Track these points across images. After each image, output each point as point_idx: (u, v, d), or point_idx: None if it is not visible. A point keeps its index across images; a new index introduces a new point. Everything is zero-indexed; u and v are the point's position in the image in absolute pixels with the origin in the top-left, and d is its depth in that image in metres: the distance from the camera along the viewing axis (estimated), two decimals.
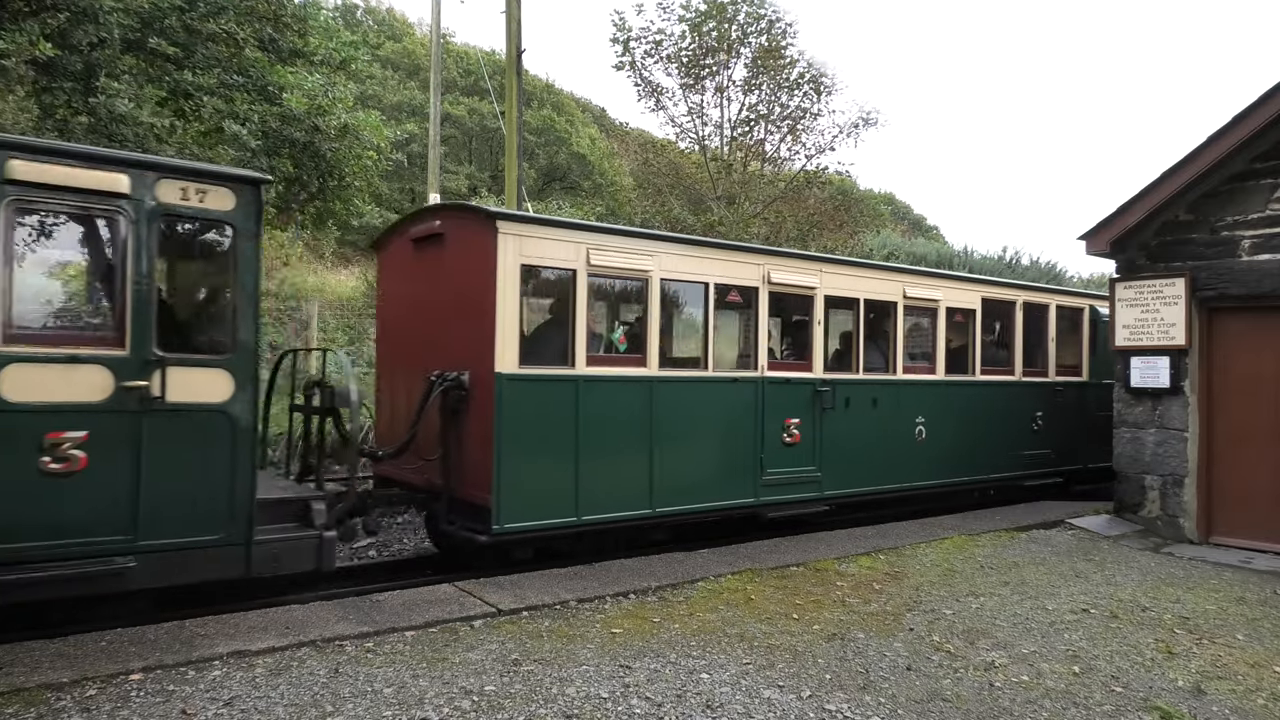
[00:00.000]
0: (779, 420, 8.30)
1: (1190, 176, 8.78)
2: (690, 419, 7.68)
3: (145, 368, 4.97)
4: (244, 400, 5.33)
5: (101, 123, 10.26)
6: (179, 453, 5.12)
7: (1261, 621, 6.05)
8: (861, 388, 9.06)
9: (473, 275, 6.83)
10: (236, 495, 5.29)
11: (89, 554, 4.83)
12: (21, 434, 4.63)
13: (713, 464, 7.83)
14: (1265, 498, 8.56)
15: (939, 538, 8.50)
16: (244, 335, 5.36)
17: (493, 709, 4.06)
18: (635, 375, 7.37)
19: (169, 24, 11.03)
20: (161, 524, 5.04)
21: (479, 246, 6.76)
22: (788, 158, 24.32)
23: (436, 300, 7.36)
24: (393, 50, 35.45)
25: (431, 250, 7.51)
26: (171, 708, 3.94)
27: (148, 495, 4.99)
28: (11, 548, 4.59)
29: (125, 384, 4.92)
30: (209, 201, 5.28)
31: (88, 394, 4.83)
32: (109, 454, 4.86)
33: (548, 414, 6.82)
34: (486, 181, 31.17)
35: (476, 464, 6.68)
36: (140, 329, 4.99)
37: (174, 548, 5.10)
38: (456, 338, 6.99)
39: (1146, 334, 9.26)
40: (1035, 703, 4.44)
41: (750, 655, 4.95)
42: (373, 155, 13.26)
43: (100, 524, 4.87)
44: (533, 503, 6.71)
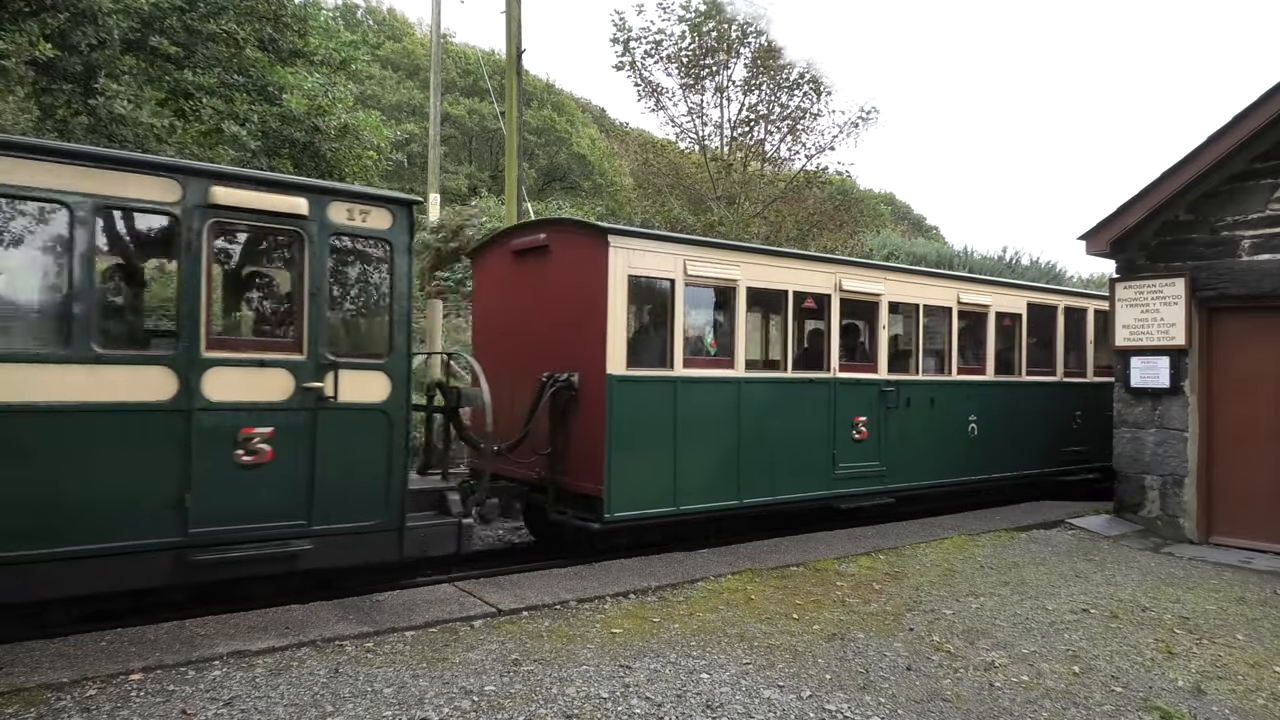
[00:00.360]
0: (848, 418, 8.90)
1: (1190, 176, 8.78)
2: (772, 417, 8.25)
3: (320, 371, 5.63)
4: (399, 400, 5.95)
5: (101, 123, 10.26)
6: (346, 447, 5.76)
7: (1261, 621, 6.05)
8: (921, 388, 9.66)
9: (583, 284, 7.42)
10: (392, 485, 5.92)
11: (273, 537, 5.47)
12: (221, 429, 5.28)
13: (791, 458, 8.37)
14: (1265, 498, 8.56)
15: (939, 538, 8.50)
16: (399, 341, 6.00)
17: (493, 709, 4.06)
18: (724, 376, 7.96)
19: (169, 24, 11.04)
20: (331, 511, 5.68)
21: (590, 258, 7.35)
22: (788, 158, 24.32)
23: (541, 307, 7.95)
24: (392, 50, 35.48)
25: (534, 261, 8.13)
26: (171, 708, 3.94)
27: (320, 485, 5.63)
28: (212, 531, 5.24)
29: (305, 385, 5.57)
30: (370, 221, 5.95)
31: (273, 394, 5.48)
32: (291, 448, 5.51)
33: (650, 412, 7.41)
34: (486, 181, 31.19)
35: (588, 458, 7.26)
36: (315, 335, 5.65)
37: (340, 532, 5.73)
38: (565, 342, 7.57)
39: (1146, 334, 9.26)
40: (1035, 703, 4.44)
41: (750, 655, 4.95)
42: (373, 155, 13.26)
43: (282, 510, 5.52)
44: (638, 494, 7.30)
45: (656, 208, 23.82)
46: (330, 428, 5.67)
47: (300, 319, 5.65)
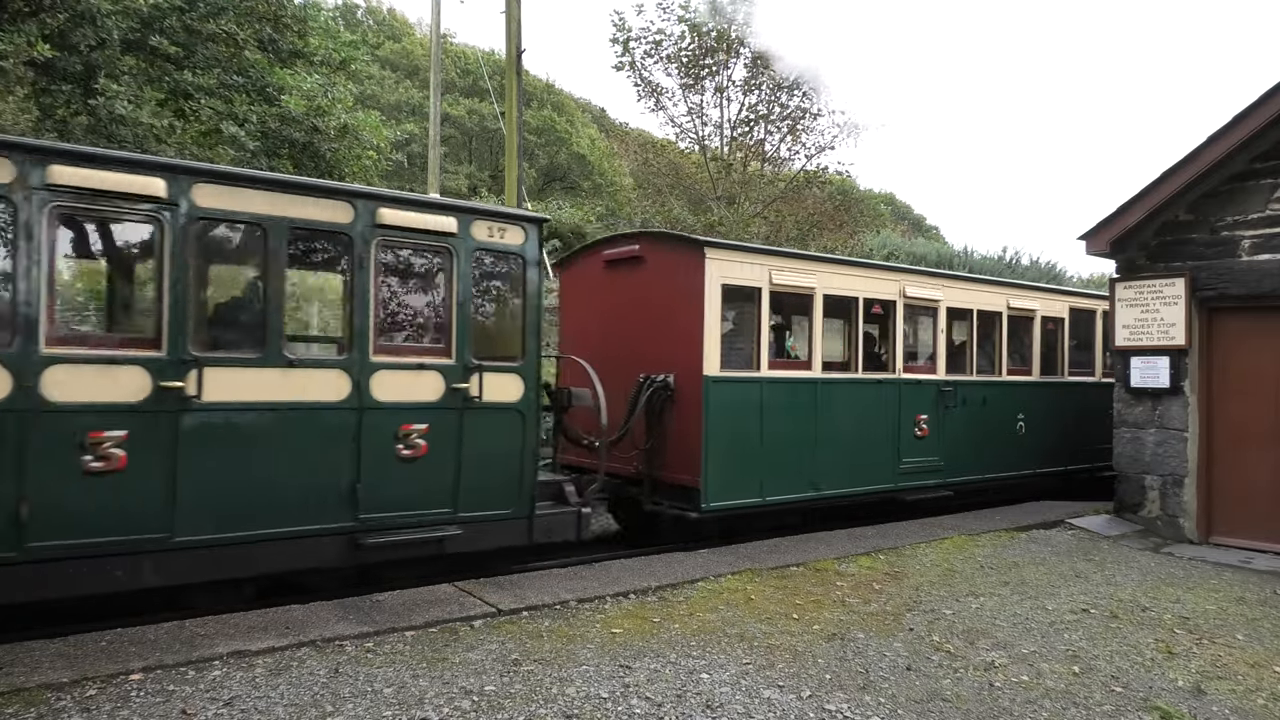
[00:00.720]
0: (911, 416, 9.56)
1: (1190, 176, 8.78)
2: (845, 415, 8.90)
3: (466, 373, 6.26)
4: (530, 400, 6.60)
5: (101, 123, 10.26)
6: (487, 442, 6.38)
7: (1261, 621, 6.05)
8: (975, 388, 10.33)
9: (679, 292, 8.05)
10: (525, 477, 6.59)
11: (426, 523, 6.12)
12: (386, 426, 5.91)
13: (861, 454, 9.04)
14: (1265, 498, 8.56)
15: (939, 538, 8.50)
16: (530, 345, 6.65)
17: (493, 709, 4.06)
18: (803, 377, 8.65)
19: (169, 24, 11.04)
20: (473, 500, 6.30)
21: (687, 268, 8.00)
22: (788, 158, 24.33)
23: (634, 313, 8.56)
24: (392, 50, 35.47)
25: (626, 270, 8.75)
26: (171, 708, 3.94)
27: (465, 476, 6.25)
28: (378, 517, 5.89)
29: (454, 386, 6.19)
30: (507, 237, 6.58)
31: (428, 394, 6.10)
32: (442, 443, 6.12)
33: (740, 410, 8.03)
34: (486, 181, 31.18)
35: (684, 453, 7.92)
36: (463, 341, 6.28)
37: (481, 520, 6.37)
38: (660, 345, 8.18)
39: (1146, 334, 9.26)
40: (1035, 703, 4.44)
41: (750, 655, 4.95)
42: (372, 155, 13.27)
43: (434, 500, 6.15)
44: (730, 485, 7.95)
45: (656, 208, 23.83)
46: (474, 424, 6.32)
47: (450, 326, 6.29)
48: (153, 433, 5.11)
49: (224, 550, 5.38)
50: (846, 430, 8.86)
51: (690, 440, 7.85)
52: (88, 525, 4.92)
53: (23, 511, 4.71)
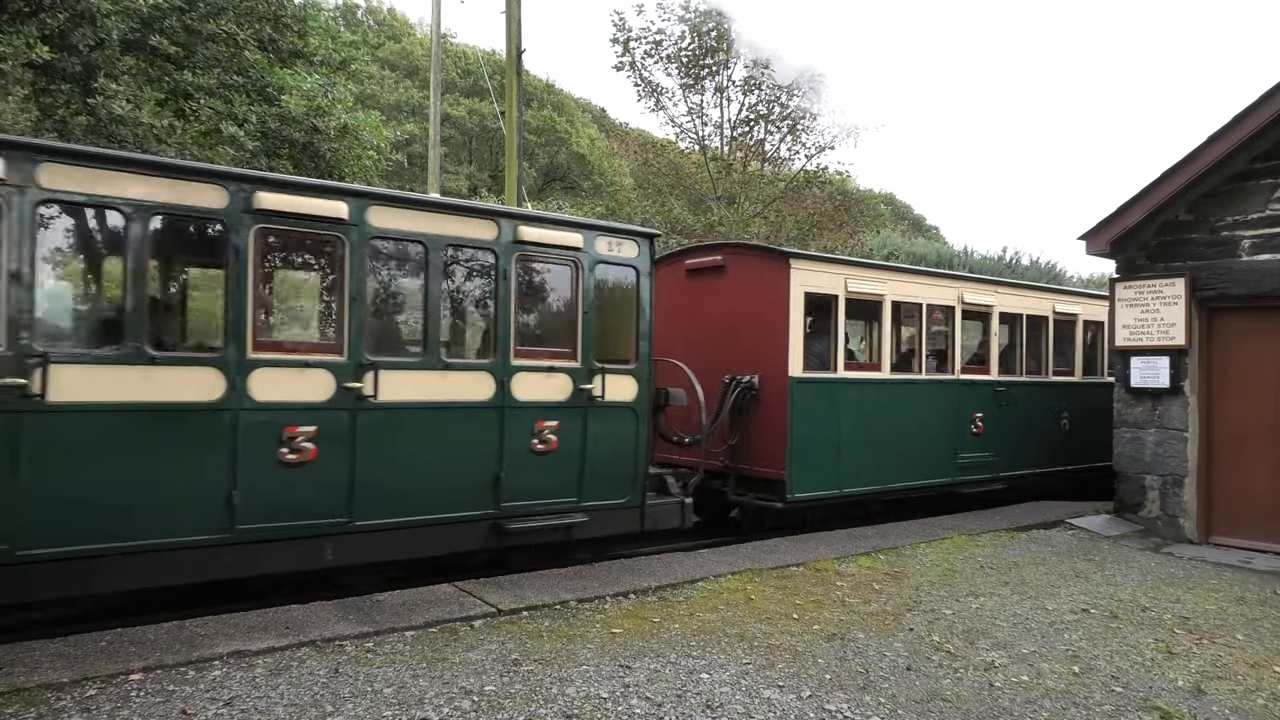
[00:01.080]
0: (968, 414, 10.19)
1: (1190, 176, 8.78)
2: (910, 413, 9.51)
3: (590, 375, 6.84)
4: (643, 399, 7.22)
5: (101, 123, 10.25)
6: (607, 437, 6.97)
7: (1261, 621, 6.05)
8: (1024, 387, 10.92)
9: (764, 299, 8.68)
10: (638, 469, 7.19)
11: (557, 511, 6.73)
12: (524, 422, 6.53)
13: (924, 449, 9.63)
14: (1265, 498, 8.56)
15: (939, 538, 8.50)
16: (643, 349, 7.24)
17: (493, 709, 4.06)
18: (874, 378, 9.33)
19: (168, 24, 11.03)
20: (595, 490, 6.92)
21: (772, 278, 8.65)
22: (788, 158, 24.33)
23: (717, 319, 9.12)
24: (392, 50, 35.46)
25: (708, 279, 9.35)
26: (171, 708, 3.94)
27: (588, 468, 6.87)
28: (516, 505, 6.49)
29: (580, 386, 6.81)
30: (622, 251, 7.18)
31: (558, 394, 6.73)
32: (570, 437, 6.72)
33: (819, 408, 8.66)
34: (486, 181, 31.19)
35: (769, 448, 8.52)
36: (586, 346, 6.86)
37: (601, 508, 6.97)
38: (744, 348, 8.80)
39: (1146, 334, 9.26)
40: (1035, 703, 4.44)
41: (750, 655, 4.95)
42: (372, 155, 13.27)
43: (563, 489, 6.77)
44: (811, 478, 8.59)
45: (656, 208, 23.84)
46: (596, 421, 6.91)
47: (575, 332, 6.89)
48: (336, 427, 5.70)
49: (393, 534, 5.99)
50: (911, 427, 9.48)
51: (775, 436, 8.46)
52: (288, 511, 5.58)
53: (235, 499, 5.36)
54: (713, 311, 9.19)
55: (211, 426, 5.29)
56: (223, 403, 5.30)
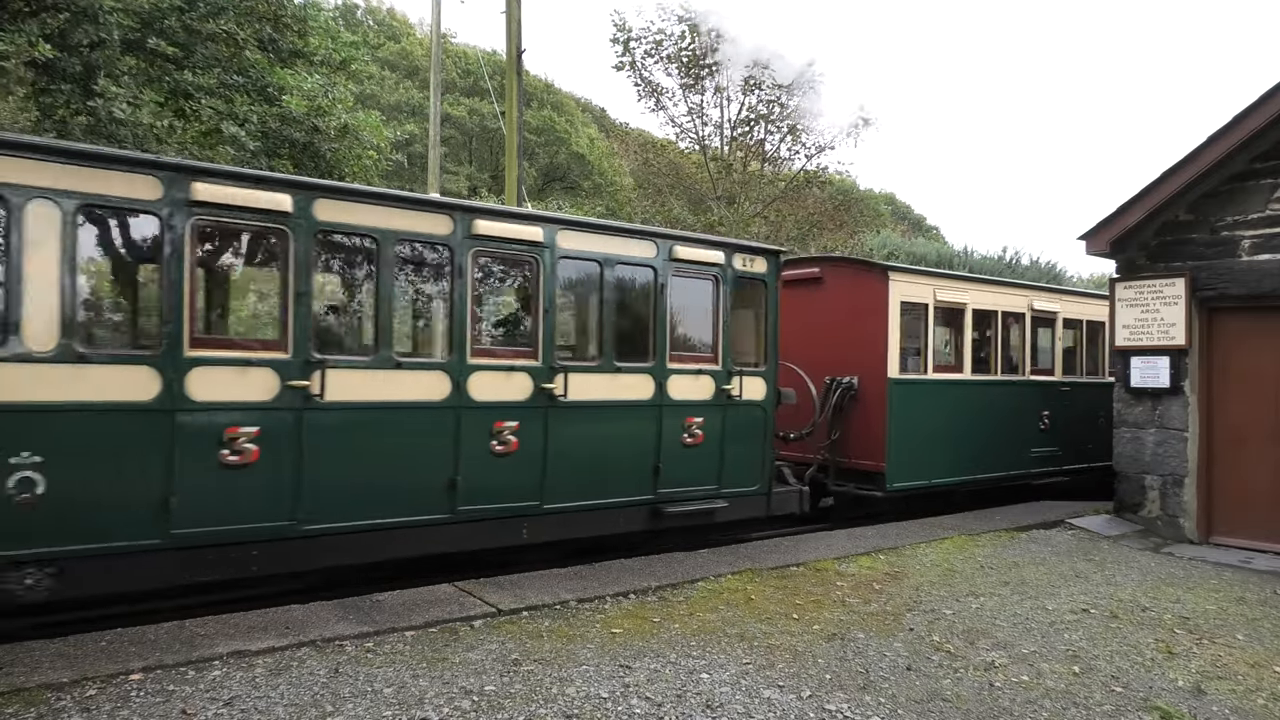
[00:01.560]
0: (1037, 411, 11.05)
1: (1190, 176, 8.78)
2: (988, 410, 10.36)
3: (729, 377, 7.78)
4: (770, 398, 8.13)
5: (101, 124, 10.25)
6: (741, 432, 7.88)
7: (1261, 621, 6.05)
8: (1084, 388, 11.76)
9: (863, 308, 9.56)
10: (765, 461, 8.14)
11: (702, 497, 7.63)
12: (677, 418, 7.46)
13: (999, 444, 10.46)
14: (1265, 498, 8.56)
15: (939, 538, 8.50)
16: (770, 353, 8.19)
17: (493, 709, 4.06)
18: (957, 379, 10.20)
19: (169, 24, 11.03)
20: (731, 479, 7.83)
21: (871, 289, 9.54)
22: (788, 158, 24.33)
23: (815, 326, 9.85)
24: (392, 51, 35.45)
25: (805, 289, 10.05)
26: (171, 708, 3.93)
27: (726, 459, 7.76)
28: (670, 491, 7.42)
29: (721, 387, 7.75)
30: (754, 266, 8.08)
31: (704, 394, 7.65)
32: (713, 432, 7.66)
33: (913, 406, 9.51)
34: (486, 181, 31.19)
35: (869, 442, 9.41)
36: (726, 351, 7.78)
37: (736, 495, 7.90)
38: (843, 352, 9.64)
39: (1146, 334, 9.25)
40: (1035, 703, 4.44)
41: (750, 655, 4.95)
42: (372, 155, 13.26)
43: (707, 478, 7.68)
44: (906, 470, 9.47)
45: (656, 208, 23.84)
46: (733, 418, 7.81)
47: (717, 338, 7.77)
48: (533, 423, 6.59)
49: (574, 516, 6.91)
50: (990, 423, 10.35)
51: (874, 432, 9.35)
52: (495, 495, 6.45)
53: (459, 483, 6.25)
54: (810, 319, 9.91)
55: (441, 421, 6.19)
56: (449, 401, 6.21)
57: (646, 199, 25.33)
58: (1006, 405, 10.61)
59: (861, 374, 9.50)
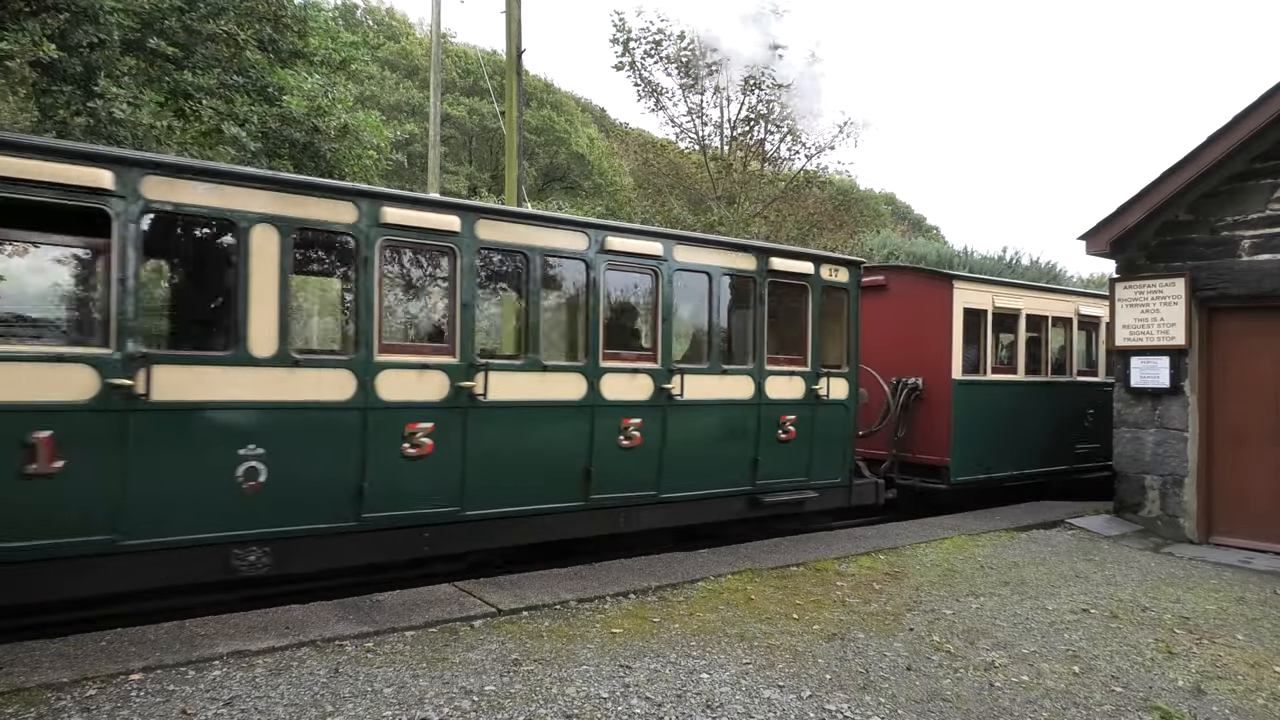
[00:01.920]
0: (1083, 410, 11.72)
1: (1190, 176, 8.78)
2: (1039, 409, 11.03)
3: (817, 378, 8.49)
4: (852, 397, 8.86)
5: (101, 124, 10.24)
6: (827, 428, 8.60)
7: (1261, 621, 6.05)
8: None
9: (927, 314, 10.34)
10: (847, 455, 8.87)
11: (793, 488, 8.36)
12: (773, 416, 8.14)
13: (1050, 440, 11.10)
14: (1265, 498, 8.56)
15: (939, 538, 8.50)
16: (852, 356, 8.92)
17: (493, 709, 4.06)
18: (1012, 379, 10.94)
19: (169, 24, 11.02)
20: (818, 471, 8.57)
21: (936, 296, 10.34)
22: (788, 158, 24.32)
23: (880, 330, 10.35)
24: (392, 50, 35.43)
25: (871, 295, 10.34)
26: (171, 708, 3.94)
27: (814, 453, 8.49)
28: (766, 482, 8.12)
29: (810, 387, 8.42)
30: (838, 276, 8.82)
31: (796, 393, 8.37)
32: (804, 429, 8.38)
33: (973, 405, 10.24)
34: (487, 181, 31.19)
35: (933, 438, 10.16)
36: (815, 354, 8.52)
37: (823, 487, 8.64)
38: (908, 355, 10.35)
39: (1146, 334, 9.25)
40: (1035, 703, 4.44)
41: (750, 655, 4.95)
42: (373, 155, 13.25)
43: (798, 470, 8.38)
44: (968, 464, 10.24)
45: (656, 208, 23.83)
46: (820, 415, 8.51)
47: (807, 342, 8.48)
48: (653, 419, 7.33)
49: (685, 504, 7.64)
50: (1040, 421, 10.97)
51: (939, 429, 10.11)
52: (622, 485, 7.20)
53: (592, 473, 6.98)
54: (875, 323, 10.34)
55: (578, 418, 6.95)
56: (586, 400, 6.97)
57: (646, 199, 25.32)
58: (1055, 404, 11.20)
59: (926, 375, 10.23)
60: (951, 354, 10.10)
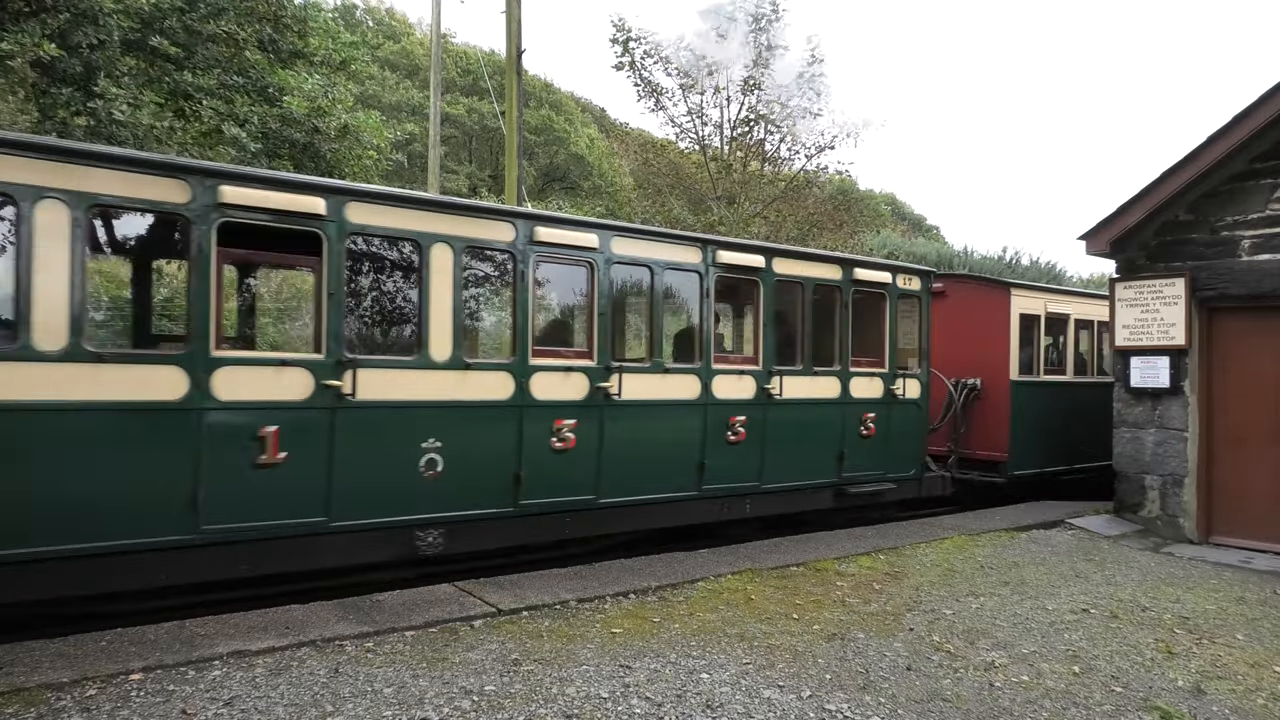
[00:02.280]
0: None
1: (1190, 176, 8.78)
2: (1084, 407, 11.54)
3: (894, 379, 9.25)
4: (924, 396, 9.60)
5: (101, 124, 10.25)
6: (902, 425, 9.32)
7: (1261, 621, 6.05)
8: None
9: (986, 320, 11.05)
10: (920, 450, 9.62)
11: (874, 480, 9.10)
12: (855, 413, 8.90)
13: (1093, 437, 11.28)
14: (1265, 498, 8.56)
15: (939, 538, 8.50)
16: (924, 359, 9.63)
17: (493, 709, 4.06)
18: (1062, 380, 11.62)
19: (169, 25, 11.03)
20: (894, 465, 9.29)
21: (994, 302, 11.07)
22: (788, 158, 24.30)
23: (940, 334, 10.65)
24: (392, 50, 35.44)
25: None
26: (171, 708, 3.94)
27: (891, 448, 9.19)
28: (850, 475, 8.87)
29: (888, 387, 9.20)
30: (911, 285, 9.51)
31: (875, 393, 9.06)
32: (882, 426, 9.09)
33: (1027, 404, 10.97)
34: (486, 181, 31.19)
35: (992, 435, 10.89)
36: (892, 356, 9.22)
37: (898, 479, 9.35)
38: (966, 358, 11.05)
39: (1146, 334, 9.25)
40: (1035, 703, 4.44)
41: (750, 655, 4.95)
42: (373, 155, 13.26)
43: (877, 464, 9.11)
44: (1024, 459, 10.95)
45: (656, 208, 23.81)
46: (896, 413, 9.22)
47: (884, 346, 9.18)
48: (756, 416, 8.06)
49: (783, 494, 8.37)
50: (1085, 419, 11.40)
51: (997, 426, 10.82)
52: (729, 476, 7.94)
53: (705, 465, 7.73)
54: (934, 328, 10.76)
55: (693, 414, 7.65)
56: (700, 399, 7.67)
57: (646, 199, 25.30)
58: (1100, 403, 11.47)
59: (984, 376, 10.96)
60: (1009, 356, 10.85)
